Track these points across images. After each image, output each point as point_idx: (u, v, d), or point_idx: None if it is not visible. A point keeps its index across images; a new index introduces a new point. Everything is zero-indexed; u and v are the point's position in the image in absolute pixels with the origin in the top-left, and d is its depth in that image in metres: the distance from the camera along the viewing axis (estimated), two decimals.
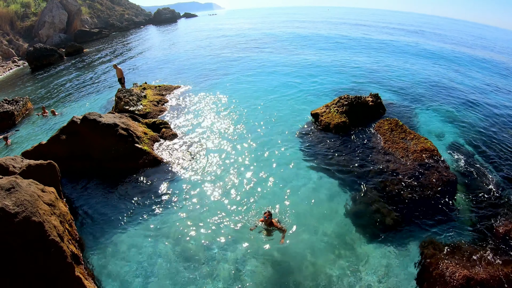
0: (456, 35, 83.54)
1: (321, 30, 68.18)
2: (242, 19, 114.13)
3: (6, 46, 49.35)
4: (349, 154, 15.42)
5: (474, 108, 22.50)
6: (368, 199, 12.32)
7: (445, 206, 11.94)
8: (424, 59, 39.34)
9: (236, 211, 12.05)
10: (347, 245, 10.67)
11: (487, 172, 14.29)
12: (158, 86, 25.92)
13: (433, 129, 18.66)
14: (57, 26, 60.84)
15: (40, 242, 7.26)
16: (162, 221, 11.73)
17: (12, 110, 22.30)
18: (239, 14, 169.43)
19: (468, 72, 34.54)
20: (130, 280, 9.53)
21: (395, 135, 15.83)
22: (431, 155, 14.16)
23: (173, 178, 14.20)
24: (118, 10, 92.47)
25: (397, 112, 20.50)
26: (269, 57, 38.86)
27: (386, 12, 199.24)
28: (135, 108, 20.41)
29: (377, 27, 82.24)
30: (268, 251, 10.31)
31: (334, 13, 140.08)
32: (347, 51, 43.06)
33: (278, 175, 14.26)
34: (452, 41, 65.41)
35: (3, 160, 10.91)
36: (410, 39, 59.12)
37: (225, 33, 68.37)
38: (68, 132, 14.60)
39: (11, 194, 7.60)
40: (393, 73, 31.11)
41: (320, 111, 18.79)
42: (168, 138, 17.14)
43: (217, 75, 30.98)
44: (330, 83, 27.45)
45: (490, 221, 11.32)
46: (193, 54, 43.89)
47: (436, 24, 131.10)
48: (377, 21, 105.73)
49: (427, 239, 10.71)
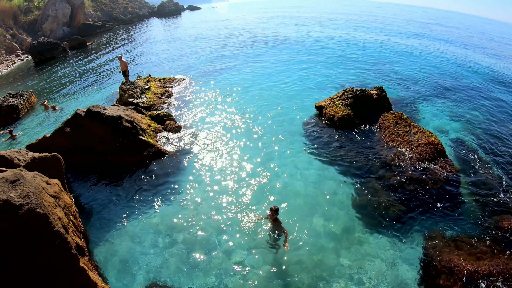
0: (464, 31, 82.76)
1: (327, 25, 67.75)
2: (245, 12, 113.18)
3: (9, 41, 49.35)
4: (353, 147, 15.38)
5: (480, 104, 22.32)
6: (372, 191, 12.30)
7: (449, 200, 11.92)
8: (431, 55, 38.97)
9: (239, 204, 12.06)
10: (350, 237, 10.68)
11: (491, 167, 14.26)
12: (162, 78, 25.86)
13: (438, 124, 18.56)
14: (60, 20, 60.75)
15: (45, 233, 7.29)
16: (165, 214, 11.77)
17: (17, 104, 22.34)
18: (243, 7, 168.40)
19: (474, 68, 34.24)
20: (134, 272, 9.60)
21: (400, 128, 15.75)
22: (436, 149, 14.08)
23: (177, 171, 14.22)
24: (122, 3, 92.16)
25: (402, 106, 20.40)
26: (274, 50, 38.64)
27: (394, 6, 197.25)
28: (139, 100, 20.40)
29: (382, 22, 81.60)
30: (271, 246, 10.32)
31: (339, 5, 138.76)
32: (352, 43, 42.74)
33: (282, 168, 14.25)
34: (459, 36, 64.85)
35: (7, 153, 10.94)
36: (416, 35, 58.64)
37: (229, 25, 67.99)
38: (72, 125, 14.61)
39: (16, 186, 7.62)
40: (399, 68, 30.87)
41: (324, 104, 18.71)
42: (172, 130, 17.12)
43: (221, 68, 30.84)
44: (335, 76, 27.30)
45: (494, 215, 11.30)
46: (197, 46, 43.71)
47: (446, 18, 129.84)
48: (383, 16, 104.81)
49: (431, 231, 10.72)
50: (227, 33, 55.33)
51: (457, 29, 78.24)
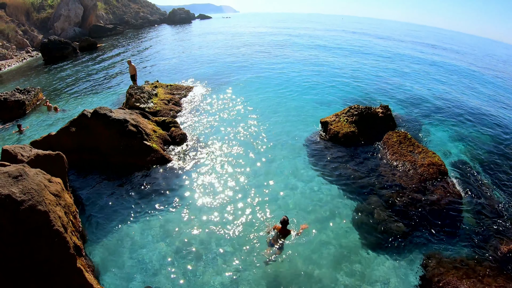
0: (470, 51, 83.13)
1: (336, 38, 68.17)
2: (255, 23, 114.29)
3: (21, 36, 49.85)
4: (357, 164, 15.36)
5: (484, 125, 22.30)
6: (373, 210, 12.24)
7: (449, 221, 11.86)
8: (437, 75, 39.10)
9: (239, 215, 11.99)
10: (351, 255, 10.60)
11: (493, 190, 14.19)
12: (169, 85, 26.00)
13: (441, 144, 18.52)
14: (72, 20, 61.42)
15: (44, 231, 7.27)
16: (165, 220, 11.71)
17: (23, 100, 22.46)
18: (253, 18, 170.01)
19: (480, 89, 34.33)
20: (130, 276, 9.53)
21: (403, 148, 15.73)
22: (438, 169, 14.05)
23: (180, 178, 14.20)
24: (134, 8, 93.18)
25: (406, 125, 20.38)
26: (282, 62, 38.90)
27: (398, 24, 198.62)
28: (145, 105, 20.48)
29: (391, 39, 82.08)
30: (271, 258, 10.25)
31: (348, 21, 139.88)
32: (361, 60, 42.95)
33: (285, 182, 14.21)
34: (465, 57, 65.08)
35: (12, 148, 10.97)
36: (423, 52, 58.87)
37: (239, 36, 68.62)
38: (77, 125, 14.68)
39: (18, 182, 7.63)
40: (405, 87, 30.93)
41: (329, 120, 18.74)
42: (177, 137, 17.13)
43: (229, 78, 31.05)
44: (341, 93, 27.37)
45: (494, 238, 11.22)
46: (205, 55, 44.05)
47: (451, 38, 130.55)
48: (391, 33, 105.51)
49: (430, 252, 10.65)
50: (236, 43, 55.80)
51: (465, 50, 78.56)
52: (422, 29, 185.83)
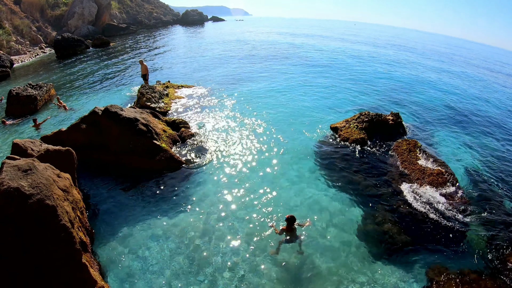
0: (481, 60, 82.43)
1: (345, 44, 68.03)
2: (269, 27, 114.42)
3: (34, 33, 50.49)
4: (365, 171, 15.24)
5: (495, 135, 22.06)
6: (379, 218, 12.10)
7: (456, 233, 11.65)
8: (447, 84, 38.79)
9: (248, 218, 11.91)
10: (354, 262, 10.47)
11: (503, 201, 13.95)
12: (181, 86, 26.14)
13: (451, 153, 18.30)
14: (86, 18, 62.05)
15: (51, 225, 7.31)
16: (173, 221, 11.67)
17: (35, 95, 22.65)
18: (267, 22, 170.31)
19: (491, 98, 33.99)
20: (135, 275, 9.50)
21: (413, 156, 15.59)
22: (448, 179, 13.90)
23: (189, 179, 14.20)
24: (147, 8, 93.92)
25: (416, 133, 20.21)
26: (294, 67, 38.92)
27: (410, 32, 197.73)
28: (156, 105, 20.59)
29: (400, 46, 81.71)
30: (276, 263, 10.19)
31: (361, 27, 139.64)
32: (372, 68, 42.80)
33: (293, 187, 14.10)
34: (476, 65, 64.53)
35: (22, 142, 11.07)
36: (435, 62, 58.50)
37: (251, 39, 68.74)
38: (88, 122, 14.78)
39: (27, 175, 7.69)
40: (416, 95, 30.72)
41: (339, 125, 18.67)
42: (187, 137, 17.16)
43: (240, 81, 31.11)
44: (352, 99, 27.24)
45: (501, 251, 11.02)
46: (217, 57, 44.22)
47: (465, 48, 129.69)
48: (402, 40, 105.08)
49: (435, 263, 10.47)
50: (248, 47, 55.85)
51: (477, 59, 77.89)
52: (440, 39, 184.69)
